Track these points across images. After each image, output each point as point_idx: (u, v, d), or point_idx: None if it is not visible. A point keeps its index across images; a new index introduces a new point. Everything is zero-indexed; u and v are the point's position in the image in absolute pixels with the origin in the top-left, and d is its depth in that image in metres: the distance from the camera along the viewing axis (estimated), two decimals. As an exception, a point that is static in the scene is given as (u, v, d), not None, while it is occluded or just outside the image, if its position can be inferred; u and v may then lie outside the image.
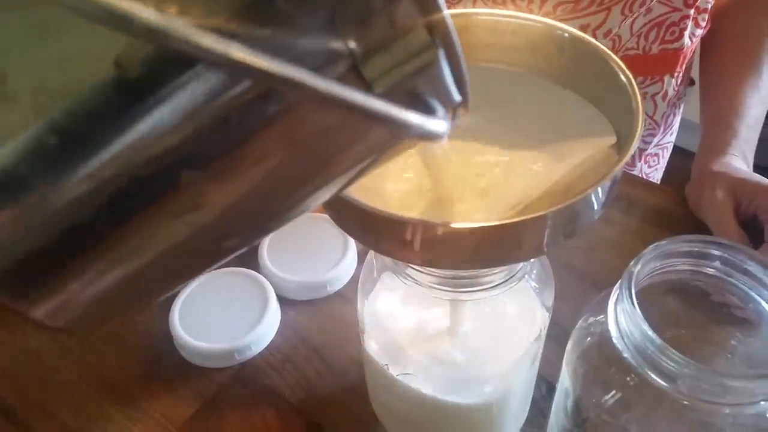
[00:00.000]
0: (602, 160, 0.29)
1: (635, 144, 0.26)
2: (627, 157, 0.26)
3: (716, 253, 0.31)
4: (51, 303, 0.20)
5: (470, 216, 0.28)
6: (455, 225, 0.24)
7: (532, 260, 0.34)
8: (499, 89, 0.34)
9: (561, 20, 0.62)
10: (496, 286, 0.32)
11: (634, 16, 0.62)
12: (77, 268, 0.19)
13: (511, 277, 0.32)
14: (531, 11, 0.60)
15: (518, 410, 0.41)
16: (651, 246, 0.30)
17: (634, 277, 0.29)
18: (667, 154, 0.80)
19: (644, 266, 0.30)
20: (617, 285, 0.30)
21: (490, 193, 0.29)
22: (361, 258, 0.55)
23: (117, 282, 0.20)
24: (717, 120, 0.62)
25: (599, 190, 0.25)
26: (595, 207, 0.26)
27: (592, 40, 0.30)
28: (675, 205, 0.60)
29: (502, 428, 0.40)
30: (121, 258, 0.20)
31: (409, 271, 0.32)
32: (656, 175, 0.80)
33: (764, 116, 0.64)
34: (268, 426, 0.46)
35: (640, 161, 0.75)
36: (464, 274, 0.31)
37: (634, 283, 0.29)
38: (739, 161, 0.58)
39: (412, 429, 0.42)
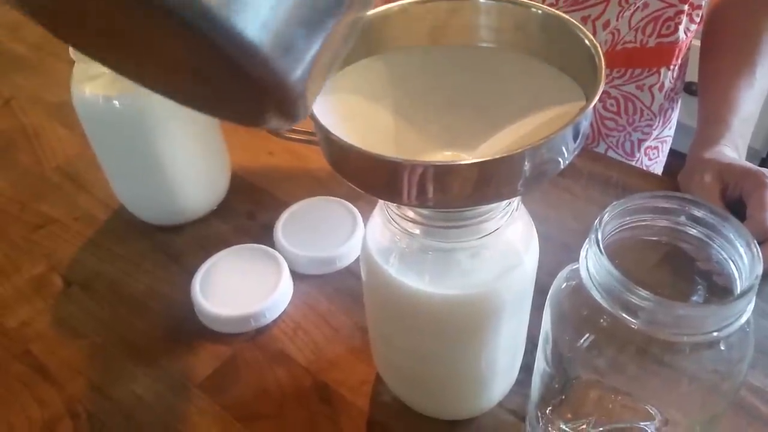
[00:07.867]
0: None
1: (599, 91, 0.29)
2: (592, 103, 0.29)
3: (674, 206, 0.34)
4: None
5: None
6: (438, 162, 0.28)
7: (516, 222, 0.38)
8: (489, 65, 0.38)
9: (564, 11, 0.65)
10: (483, 237, 0.35)
11: (631, 9, 0.65)
12: None
13: (492, 232, 0.36)
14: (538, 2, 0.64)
15: (507, 365, 0.44)
16: (622, 200, 0.33)
17: (602, 225, 0.32)
18: (666, 148, 0.83)
19: (612, 219, 0.33)
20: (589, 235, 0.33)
21: (475, 151, 0.33)
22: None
23: None
24: (711, 114, 0.65)
25: (570, 129, 0.29)
26: (564, 149, 0.30)
27: (560, 13, 0.34)
28: (669, 192, 0.63)
29: (492, 382, 0.43)
30: None
31: (402, 223, 0.36)
32: (657, 168, 0.83)
33: (758, 112, 0.67)
34: (279, 382, 0.50)
35: (639, 152, 0.78)
36: (452, 223, 0.35)
37: (602, 230, 0.32)
38: (731, 151, 0.61)
39: (409, 381, 0.45)
